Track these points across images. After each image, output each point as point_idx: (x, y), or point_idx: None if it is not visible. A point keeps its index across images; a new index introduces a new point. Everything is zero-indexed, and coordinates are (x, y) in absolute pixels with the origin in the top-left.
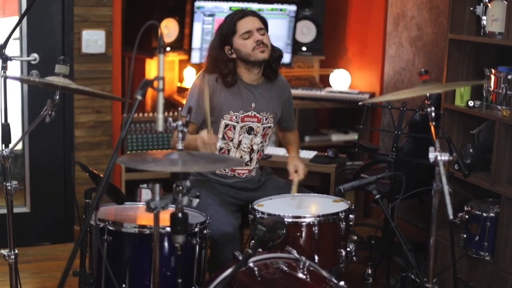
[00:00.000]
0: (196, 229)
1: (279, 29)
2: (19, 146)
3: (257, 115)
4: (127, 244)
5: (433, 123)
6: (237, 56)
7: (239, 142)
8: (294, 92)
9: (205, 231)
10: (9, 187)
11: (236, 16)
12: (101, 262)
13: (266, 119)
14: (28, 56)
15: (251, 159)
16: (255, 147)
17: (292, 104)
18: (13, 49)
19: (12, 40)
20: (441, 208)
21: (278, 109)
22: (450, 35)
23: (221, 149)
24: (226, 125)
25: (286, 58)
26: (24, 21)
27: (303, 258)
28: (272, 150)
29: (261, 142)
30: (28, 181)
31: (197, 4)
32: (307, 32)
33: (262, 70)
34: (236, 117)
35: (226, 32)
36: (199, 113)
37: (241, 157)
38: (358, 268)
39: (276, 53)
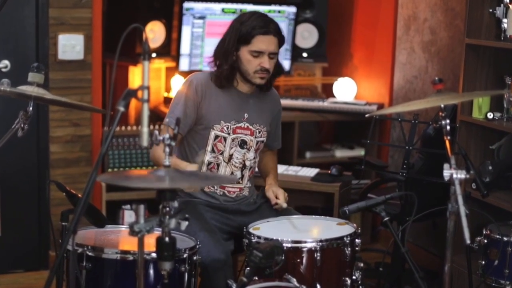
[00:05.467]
0: (185, 255)
1: None
2: None
3: (250, 127)
4: (108, 271)
5: (448, 137)
6: (237, 63)
7: (230, 156)
8: (294, 102)
9: (194, 258)
10: None
11: (260, 29)
12: None
13: (259, 132)
14: None
15: (242, 176)
16: (247, 163)
17: (280, 120)
18: None
19: None
20: (457, 232)
21: (269, 122)
22: (467, 39)
23: (209, 163)
24: (216, 137)
25: (285, 65)
26: None
27: (304, 287)
28: None
29: (254, 158)
30: None
31: (186, 5)
32: (308, 36)
33: None
34: (227, 128)
35: (240, 37)
36: (184, 122)
37: (232, 173)
38: None
39: (276, 71)
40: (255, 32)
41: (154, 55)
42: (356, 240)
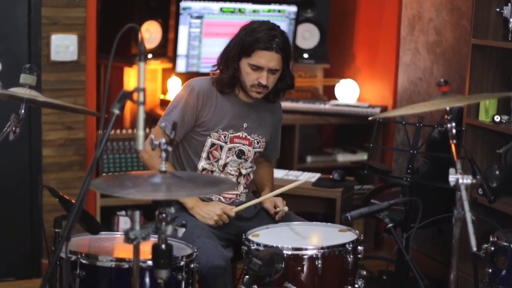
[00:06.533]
0: (182, 263)
1: None
2: None
3: (248, 137)
4: (103, 279)
5: (454, 141)
6: (237, 72)
7: (225, 165)
8: (295, 105)
9: (192, 265)
10: None
11: (262, 44)
12: None
13: (257, 143)
14: None
15: (238, 183)
16: (243, 171)
17: (280, 129)
18: None
19: None
20: (463, 239)
21: (269, 133)
22: (474, 40)
23: (203, 169)
24: (212, 144)
25: None
26: None
27: None
28: None
29: (251, 167)
30: None
31: (183, 4)
32: (309, 36)
33: None
34: (224, 137)
35: (242, 47)
36: (181, 128)
37: None
38: None
39: (286, 82)
40: (256, 46)
41: (150, 56)
42: (359, 247)
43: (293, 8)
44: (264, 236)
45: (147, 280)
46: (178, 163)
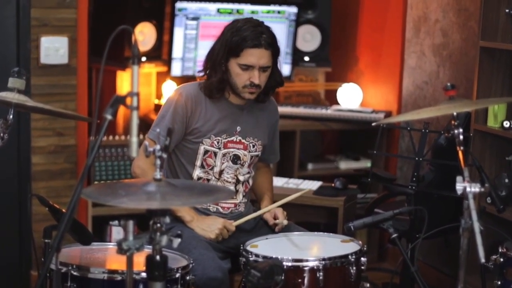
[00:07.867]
0: (177, 275)
1: (276, 35)
2: None
3: (243, 140)
4: None
5: (461, 147)
6: (226, 75)
7: (221, 172)
8: (295, 110)
9: (188, 277)
10: None
11: (250, 42)
12: None
13: (253, 146)
14: None
15: (237, 191)
16: (241, 177)
17: (278, 131)
18: None
19: None
20: (470, 250)
21: (266, 135)
22: (482, 42)
23: (199, 178)
24: (206, 151)
25: (286, 70)
26: None
27: None
28: None
29: (248, 172)
30: None
31: (178, 5)
32: (310, 39)
33: None
34: (218, 143)
35: (229, 48)
36: (172, 137)
37: None
38: None
39: (276, 80)
40: (244, 45)
41: (144, 59)
42: (362, 259)
43: (293, 9)
44: (263, 247)
45: None
46: (172, 174)
